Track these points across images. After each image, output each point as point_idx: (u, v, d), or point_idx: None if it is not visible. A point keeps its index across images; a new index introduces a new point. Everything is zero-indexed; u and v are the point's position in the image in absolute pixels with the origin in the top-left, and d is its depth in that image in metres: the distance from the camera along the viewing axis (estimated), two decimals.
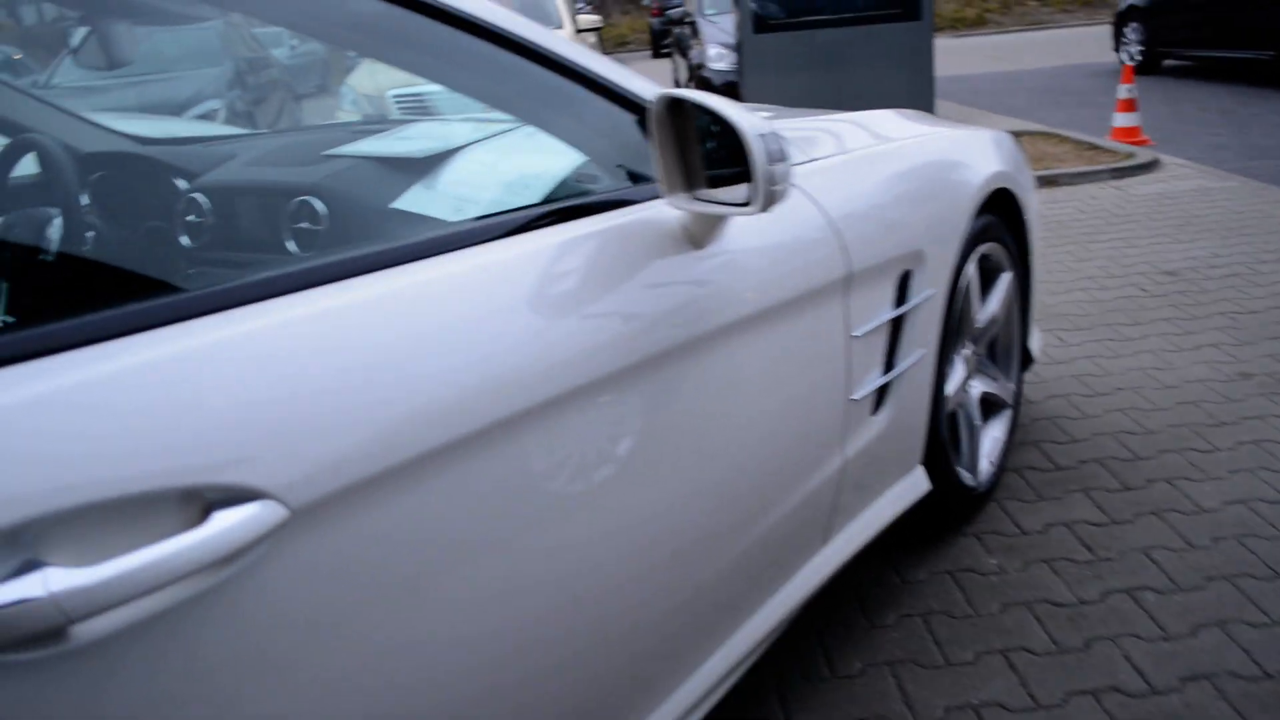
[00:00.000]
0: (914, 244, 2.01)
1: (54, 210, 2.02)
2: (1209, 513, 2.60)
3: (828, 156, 1.92)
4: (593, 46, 7.37)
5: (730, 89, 9.41)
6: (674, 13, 12.02)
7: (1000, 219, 2.56)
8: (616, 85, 1.52)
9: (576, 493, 1.24)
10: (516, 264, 1.25)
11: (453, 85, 1.57)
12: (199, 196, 2.00)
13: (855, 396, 1.86)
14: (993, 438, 2.73)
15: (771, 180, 1.27)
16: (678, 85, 7.81)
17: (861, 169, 1.94)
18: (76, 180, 2.04)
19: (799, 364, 1.67)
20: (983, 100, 10.78)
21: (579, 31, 9.43)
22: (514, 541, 1.16)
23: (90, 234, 1.92)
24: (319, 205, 1.86)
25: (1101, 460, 2.91)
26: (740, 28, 7.18)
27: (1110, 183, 6.56)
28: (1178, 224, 5.44)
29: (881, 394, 2.00)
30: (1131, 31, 12.53)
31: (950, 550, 2.52)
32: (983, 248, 2.45)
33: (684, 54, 11.73)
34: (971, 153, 2.38)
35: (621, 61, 1.52)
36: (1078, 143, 7.66)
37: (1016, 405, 2.87)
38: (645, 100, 1.53)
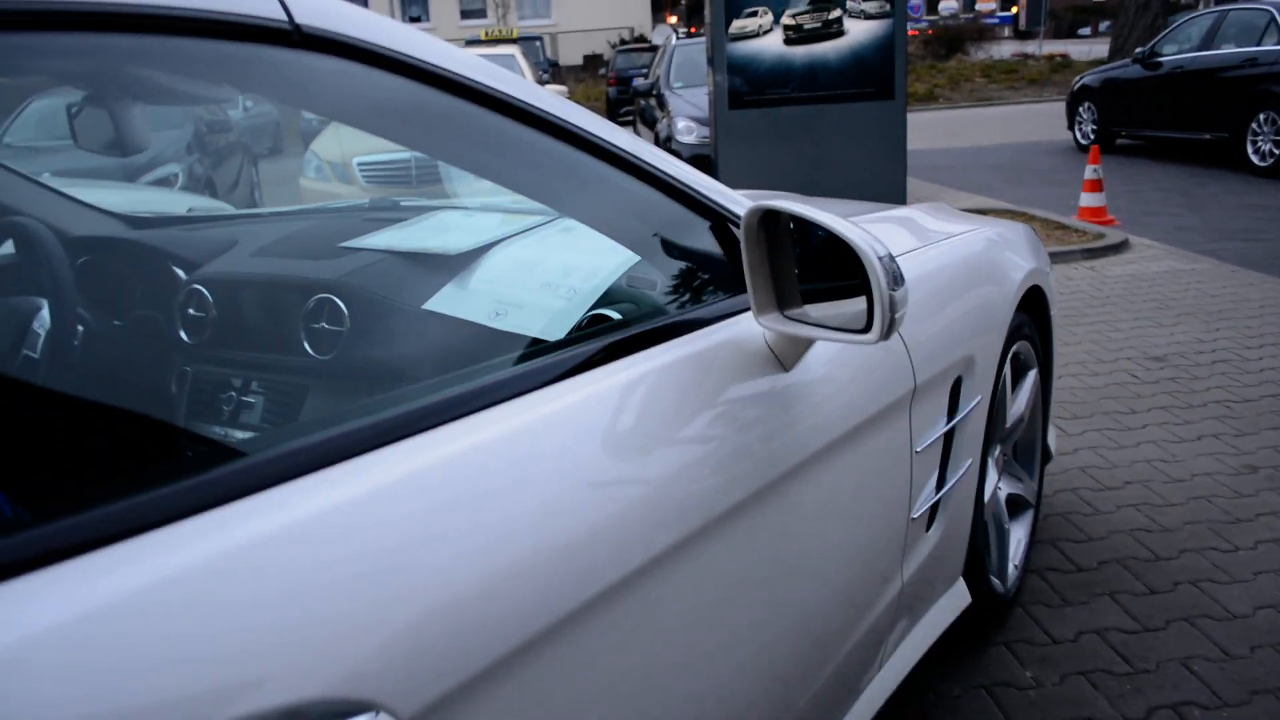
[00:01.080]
0: (967, 349, 1.92)
1: (42, 316, 1.86)
2: (1241, 619, 2.52)
3: None
4: None
5: (699, 162, 9.42)
6: (640, 84, 12.06)
7: (1029, 315, 2.49)
8: (686, 185, 1.40)
9: (665, 662, 1.10)
10: (592, 408, 1.11)
11: (494, 174, 1.45)
12: (206, 296, 1.86)
13: (914, 515, 1.75)
14: (1017, 539, 2.64)
15: (893, 306, 1.16)
16: None
17: (918, 274, 1.85)
18: (67, 278, 1.88)
19: (871, 488, 1.56)
20: (945, 177, 10.89)
21: None
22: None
23: (94, 360, 1.75)
24: (341, 305, 1.73)
25: (1122, 560, 2.83)
26: (715, 103, 7.18)
27: (1083, 263, 6.60)
28: (1156, 306, 5.46)
29: (933, 508, 1.90)
30: (1085, 110, 12.80)
31: (982, 662, 2.40)
32: (1015, 346, 2.37)
33: (650, 126, 11.75)
34: (1010, 251, 2.31)
35: None
36: (1046, 222, 7.72)
37: (1038, 504, 2.78)
38: (720, 204, 1.42)
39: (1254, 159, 9.91)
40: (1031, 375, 2.58)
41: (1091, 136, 12.49)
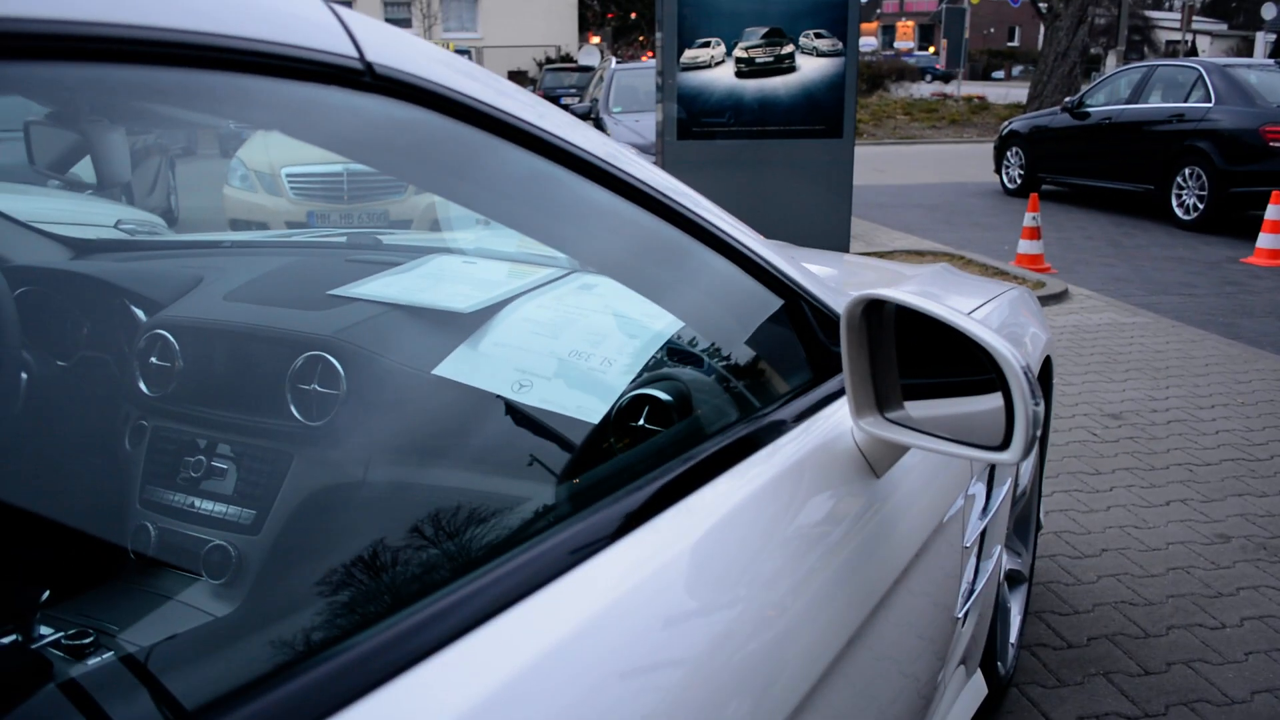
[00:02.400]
0: None
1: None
2: (1241, 704, 2.44)
3: None
4: None
5: None
6: (577, 107, 11.91)
7: None
8: (757, 254, 1.24)
9: None
10: (660, 575, 0.88)
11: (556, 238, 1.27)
12: (172, 343, 1.63)
13: (958, 614, 1.61)
14: (1013, 615, 2.52)
15: (1036, 424, 1.01)
16: None
17: None
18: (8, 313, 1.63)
19: (934, 595, 1.41)
20: (878, 215, 10.91)
21: None
22: None
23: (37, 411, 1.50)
24: (336, 366, 1.52)
25: (1111, 637, 2.73)
26: (663, 131, 7.05)
27: None
28: (1104, 361, 5.45)
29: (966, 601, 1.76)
30: (1013, 155, 12.98)
31: None
32: None
33: None
34: (1029, 320, 2.19)
35: None
36: (984, 267, 7.75)
37: (1030, 577, 2.67)
38: (794, 279, 1.26)
39: (1178, 212, 10.11)
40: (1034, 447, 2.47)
41: (1019, 181, 12.68)
